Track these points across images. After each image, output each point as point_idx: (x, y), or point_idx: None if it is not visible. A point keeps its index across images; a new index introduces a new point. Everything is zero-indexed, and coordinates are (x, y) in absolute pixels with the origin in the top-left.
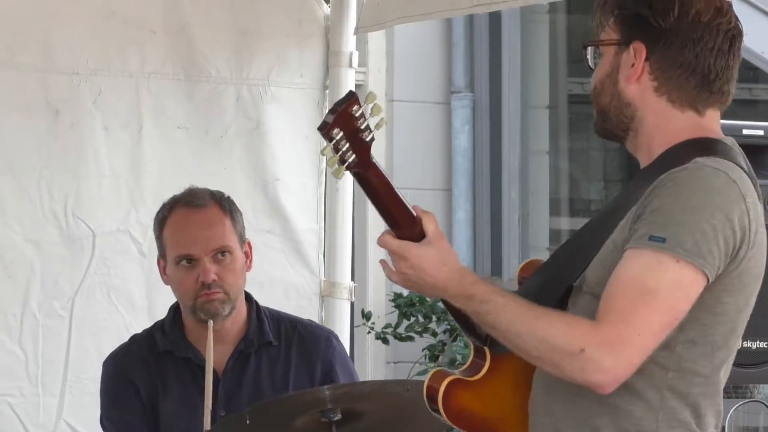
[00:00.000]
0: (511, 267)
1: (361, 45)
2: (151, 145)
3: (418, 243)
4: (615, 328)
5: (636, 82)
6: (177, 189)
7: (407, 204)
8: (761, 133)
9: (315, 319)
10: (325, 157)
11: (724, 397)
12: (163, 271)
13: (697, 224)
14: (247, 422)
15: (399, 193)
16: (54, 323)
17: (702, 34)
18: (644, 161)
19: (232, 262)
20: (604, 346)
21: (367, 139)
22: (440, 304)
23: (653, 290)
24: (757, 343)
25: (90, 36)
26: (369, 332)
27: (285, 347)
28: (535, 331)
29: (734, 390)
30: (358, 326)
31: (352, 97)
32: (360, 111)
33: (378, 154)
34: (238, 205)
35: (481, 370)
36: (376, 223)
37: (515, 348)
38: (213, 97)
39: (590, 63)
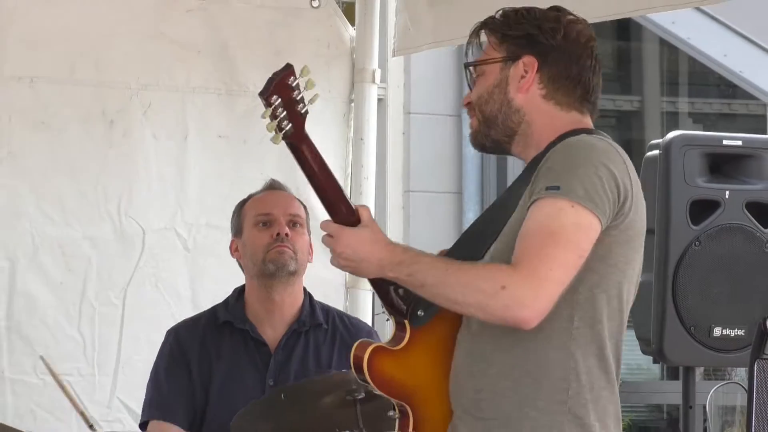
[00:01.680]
0: None
1: (383, 63)
2: (195, 152)
3: (354, 227)
4: (530, 265)
5: (525, 91)
6: (218, 191)
7: (342, 189)
8: (740, 143)
9: (341, 307)
10: (348, 177)
11: (704, 379)
12: (234, 249)
13: (586, 175)
14: (283, 398)
15: (333, 176)
16: (108, 311)
17: (581, 53)
18: (534, 155)
19: (302, 234)
20: (524, 282)
21: (302, 111)
22: None
23: (558, 230)
24: (735, 331)
25: (141, 54)
26: (388, 320)
27: (331, 333)
28: (460, 279)
29: (714, 373)
30: (378, 314)
31: (288, 69)
32: (296, 82)
33: (396, 160)
34: None
35: (402, 341)
36: (394, 225)
37: (444, 300)
38: (250, 109)
39: (469, 81)
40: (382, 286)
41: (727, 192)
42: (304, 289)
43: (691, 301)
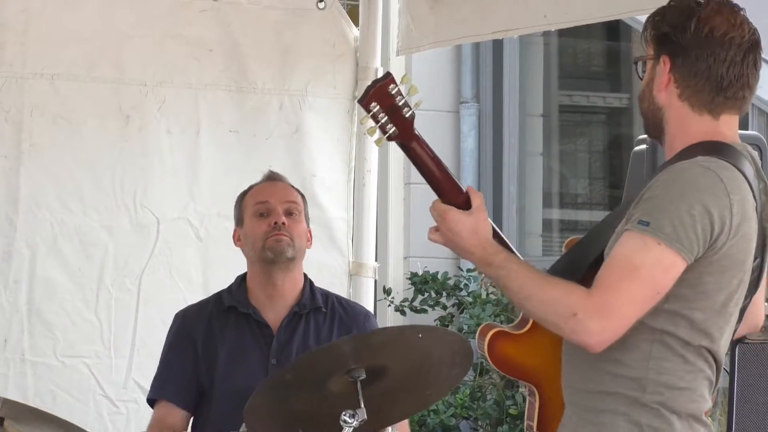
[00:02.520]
0: None
1: (385, 62)
2: (207, 146)
3: (461, 210)
4: (604, 297)
5: (665, 89)
6: (229, 183)
7: (453, 177)
8: None
9: (344, 294)
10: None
11: None
12: (237, 238)
13: (677, 213)
14: (288, 377)
15: (445, 166)
16: (124, 296)
17: (714, 48)
18: (667, 159)
19: (299, 221)
20: (594, 313)
21: (407, 115)
22: (450, 281)
23: (638, 267)
24: None
25: (156, 53)
26: (389, 305)
27: (330, 315)
28: (540, 295)
29: None
30: (380, 300)
31: (388, 77)
32: (396, 89)
33: (397, 154)
34: None
35: (525, 326)
36: (396, 214)
37: (524, 309)
38: (260, 105)
39: (639, 75)
40: None
41: None
42: (305, 274)
43: None
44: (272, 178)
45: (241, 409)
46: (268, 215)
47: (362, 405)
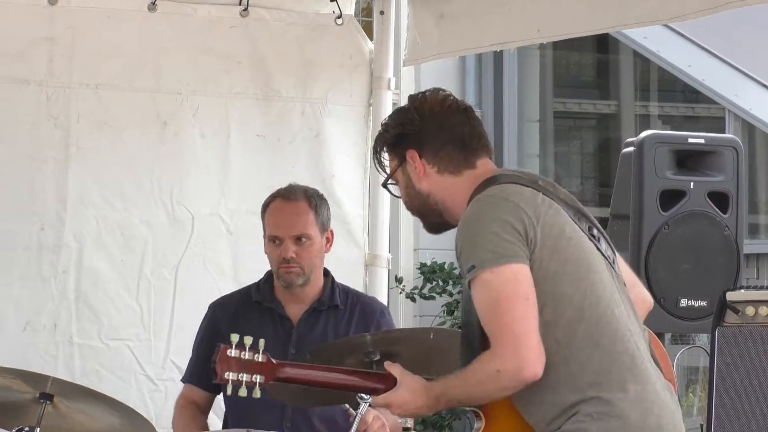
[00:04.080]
0: None
1: (396, 72)
2: (236, 149)
3: (393, 390)
4: (500, 340)
5: (424, 176)
6: (256, 182)
7: (358, 372)
8: (702, 141)
9: (360, 283)
10: (367, 170)
11: (671, 343)
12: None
13: (483, 240)
14: (308, 358)
15: (337, 370)
16: (162, 285)
17: (444, 118)
18: None
19: (309, 246)
20: (505, 355)
21: (260, 359)
22: (456, 271)
23: (497, 298)
24: (699, 302)
25: (191, 65)
26: (401, 293)
27: (349, 312)
28: (473, 387)
29: (680, 338)
30: (392, 288)
31: (218, 347)
32: (233, 350)
33: None
34: None
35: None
36: (404, 211)
37: (475, 402)
38: (284, 112)
39: (395, 194)
40: None
41: (692, 183)
42: (327, 271)
43: (661, 276)
44: (286, 197)
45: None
46: (279, 245)
47: None
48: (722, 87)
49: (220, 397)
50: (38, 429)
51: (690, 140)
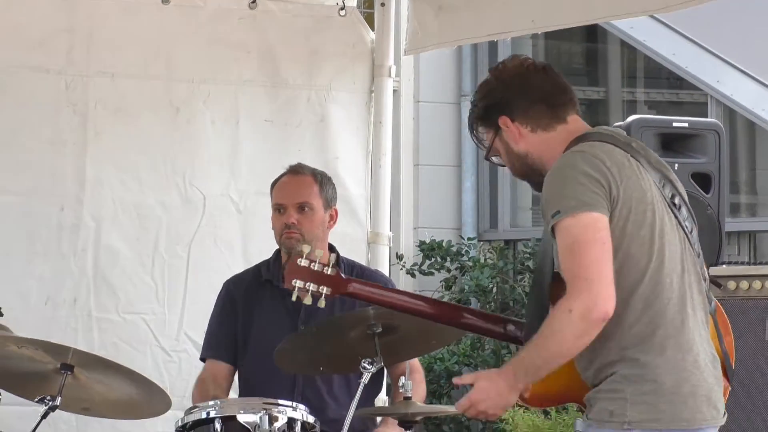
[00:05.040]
0: (505, 222)
1: (397, 61)
2: (246, 133)
3: (472, 389)
4: (575, 281)
5: (520, 138)
6: (265, 165)
7: (416, 296)
8: (686, 125)
9: (363, 260)
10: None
11: None
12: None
13: (571, 189)
14: (314, 331)
15: (404, 292)
16: (176, 262)
17: (523, 81)
18: None
19: (311, 215)
20: (578, 295)
21: (330, 272)
22: (453, 248)
23: (574, 242)
24: None
25: (202, 54)
26: (401, 269)
27: None
28: (549, 339)
29: None
30: (393, 264)
31: (292, 257)
32: (304, 261)
33: (407, 141)
34: None
35: None
36: (406, 191)
37: (554, 361)
38: (291, 98)
39: (498, 162)
40: (504, 336)
41: (676, 164)
42: (333, 247)
43: None
44: (293, 171)
45: (270, 363)
46: (283, 213)
47: (379, 354)
48: (705, 74)
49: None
50: (59, 398)
51: (674, 124)
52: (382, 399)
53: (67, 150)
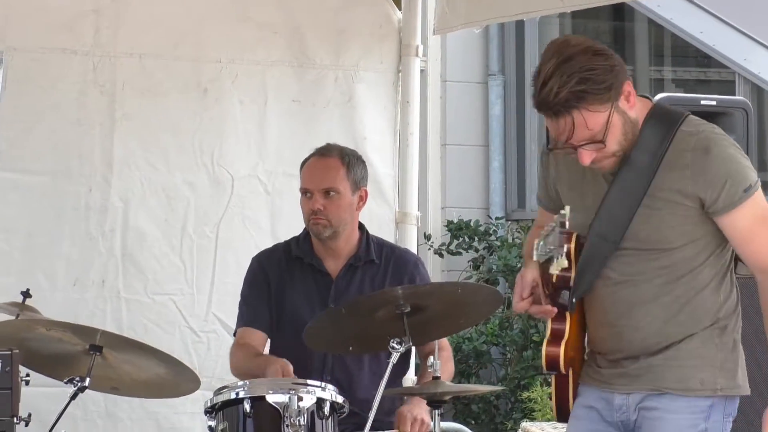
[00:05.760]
0: (533, 202)
1: (424, 40)
2: (273, 113)
3: None
4: None
5: (634, 102)
6: (292, 145)
7: None
8: (714, 103)
9: (391, 240)
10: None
11: None
12: None
13: (745, 163)
14: (343, 311)
15: None
16: (204, 242)
17: (605, 60)
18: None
19: (338, 200)
20: None
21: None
22: (481, 228)
23: (765, 214)
24: None
25: (230, 35)
26: (429, 249)
27: (384, 265)
28: None
29: None
30: (421, 245)
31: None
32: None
33: (434, 120)
34: None
35: (566, 327)
36: (434, 170)
37: None
38: (318, 78)
39: (594, 147)
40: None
41: None
42: (362, 225)
43: None
44: (320, 153)
45: (301, 342)
46: (309, 198)
47: (408, 334)
48: (732, 52)
49: None
50: (88, 379)
51: (702, 102)
52: (410, 378)
53: (94, 131)
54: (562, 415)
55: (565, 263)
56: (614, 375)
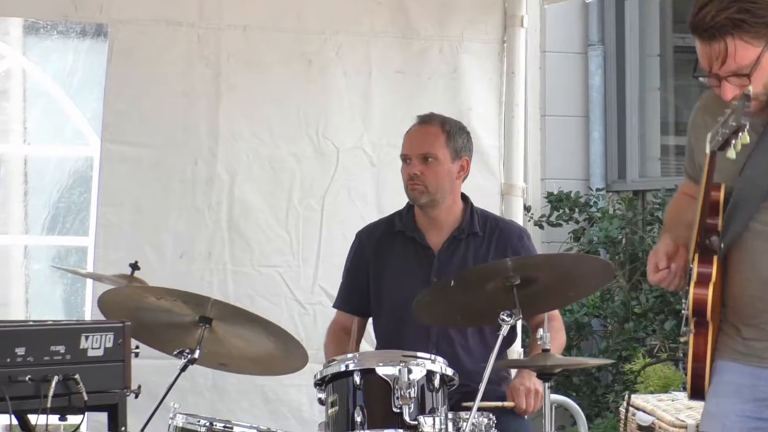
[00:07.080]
0: (634, 173)
1: (529, 10)
2: (377, 85)
3: None
4: None
5: None
6: (397, 116)
7: None
8: None
9: (497, 212)
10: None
11: None
12: None
13: None
14: (452, 284)
15: None
16: (310, 214)
17: None
18: None
19: (435, 166)
20: None
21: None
22: (581, 199)
23: None
24: None
25: (334, 6)
26: (529, 221)
27: (488, 237)
28: None
29: None
30: (526, 215)
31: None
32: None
33: (533, 91)
34: None
35: (713, 271)
36: (533, 142)
37: None
38: (423, 50)
39: (739, 83)
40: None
41: None
42: (465, 198)
43: None
44: (422, 121)
45: (404, 316)
46: (408, 164)
47: (518, 306)
48: None
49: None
50: (198, 350)
51: None
52: (516, 351)
53: (200, 103)
54: (697, 390)
55: (748, 139)
56: (766, 348)
